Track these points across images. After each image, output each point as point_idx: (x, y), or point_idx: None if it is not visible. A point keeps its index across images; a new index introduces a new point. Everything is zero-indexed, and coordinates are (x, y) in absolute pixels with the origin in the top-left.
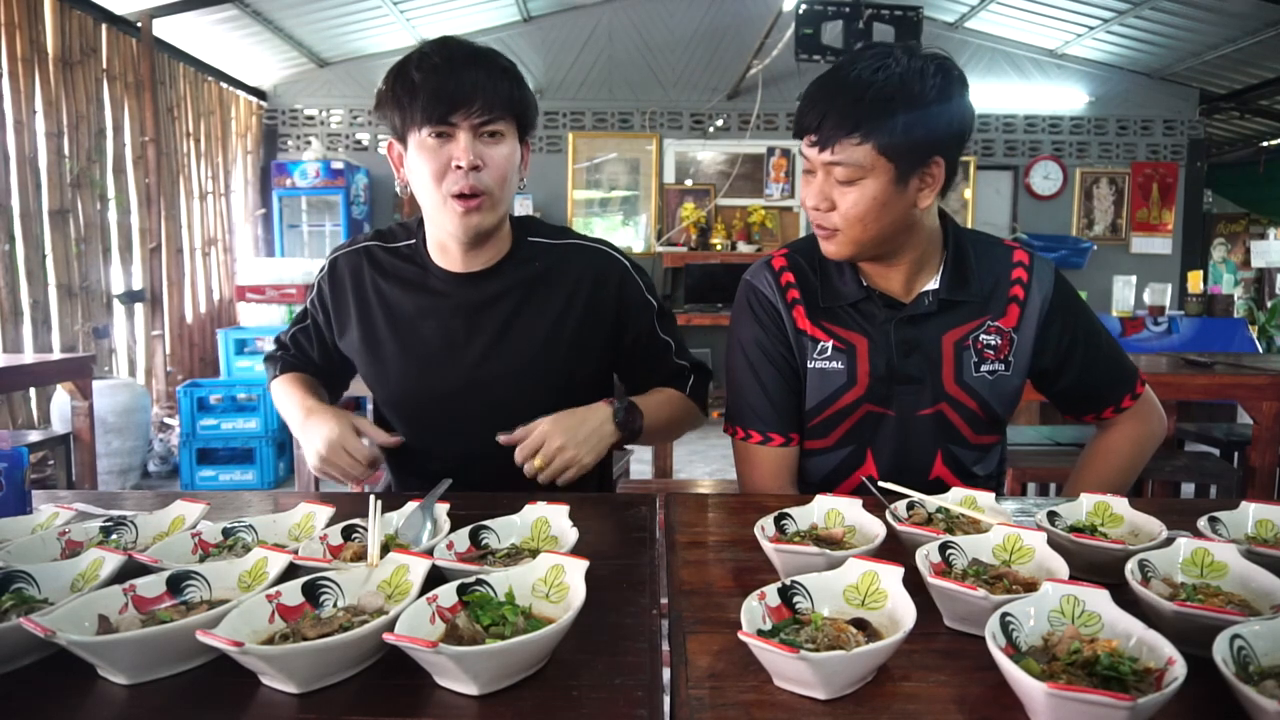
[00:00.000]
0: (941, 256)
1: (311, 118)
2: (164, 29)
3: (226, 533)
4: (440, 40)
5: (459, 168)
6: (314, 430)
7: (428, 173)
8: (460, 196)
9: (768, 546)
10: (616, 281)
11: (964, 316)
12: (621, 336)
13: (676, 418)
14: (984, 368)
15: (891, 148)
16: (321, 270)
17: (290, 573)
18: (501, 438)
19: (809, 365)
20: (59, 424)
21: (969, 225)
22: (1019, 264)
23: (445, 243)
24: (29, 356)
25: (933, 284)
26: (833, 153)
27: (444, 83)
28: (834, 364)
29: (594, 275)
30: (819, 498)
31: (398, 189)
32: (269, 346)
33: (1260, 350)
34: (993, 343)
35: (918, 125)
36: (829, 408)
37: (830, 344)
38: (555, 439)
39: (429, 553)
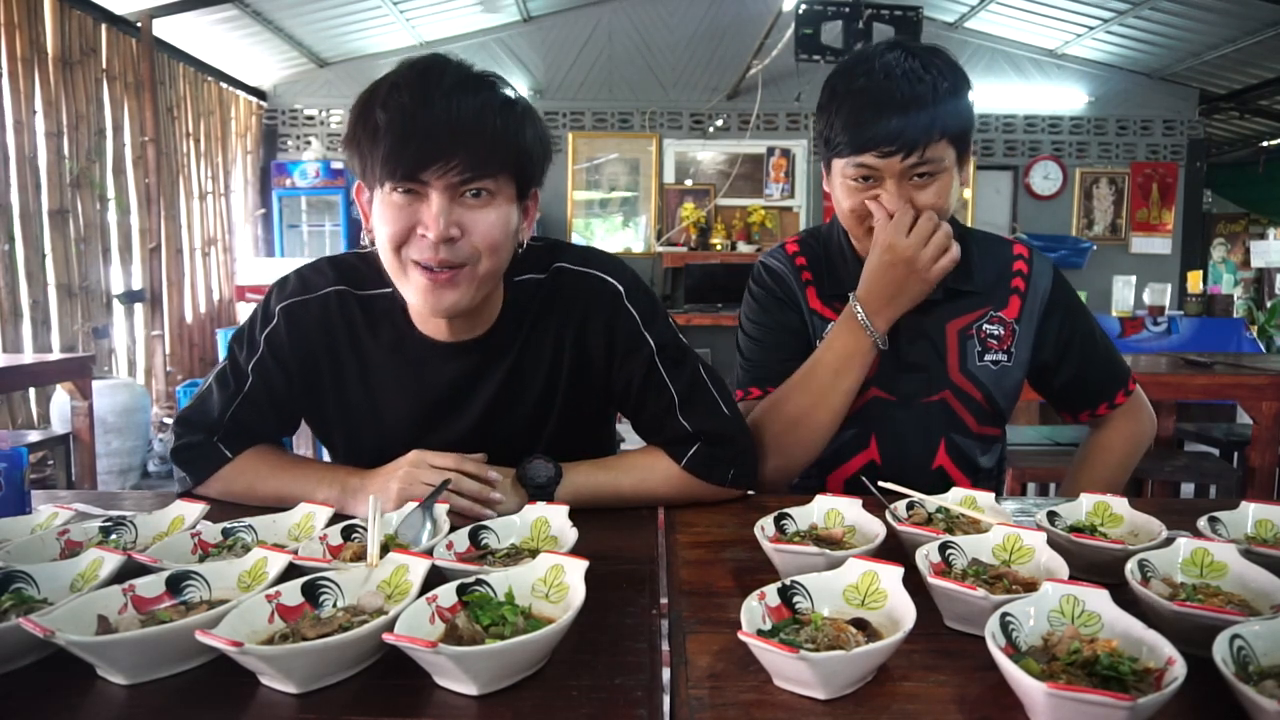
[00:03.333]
0: None
1: (311, 118)
2: (164, 29)
3: (226, 533)
4: (419, 65)
5: (426, 236)
6: (377, 476)
7: (385, 234)
8: (426, 268)
9: (768, 546)
10: (607, 315)
11: (967, 306)
12: (612, 379)
13: (646, 496)
14: (987, 357)
15: (957, 136)
16: (269, 324)
17: (290, 573)
18: None
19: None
20: (58, 424)
21: (969, 225)
22: (1019, 257)
23: (427, 315)
24: (29, 356)
25: None
26: (921, 156)
27: (413, 128)
28: None
29: (582, 313)
30: (819, 498)
31: (364, 240)
32: None
33: (1249, 350)
34: (995, 332)
35: (966, 111)
36: None
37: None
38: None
39: (429, 553)
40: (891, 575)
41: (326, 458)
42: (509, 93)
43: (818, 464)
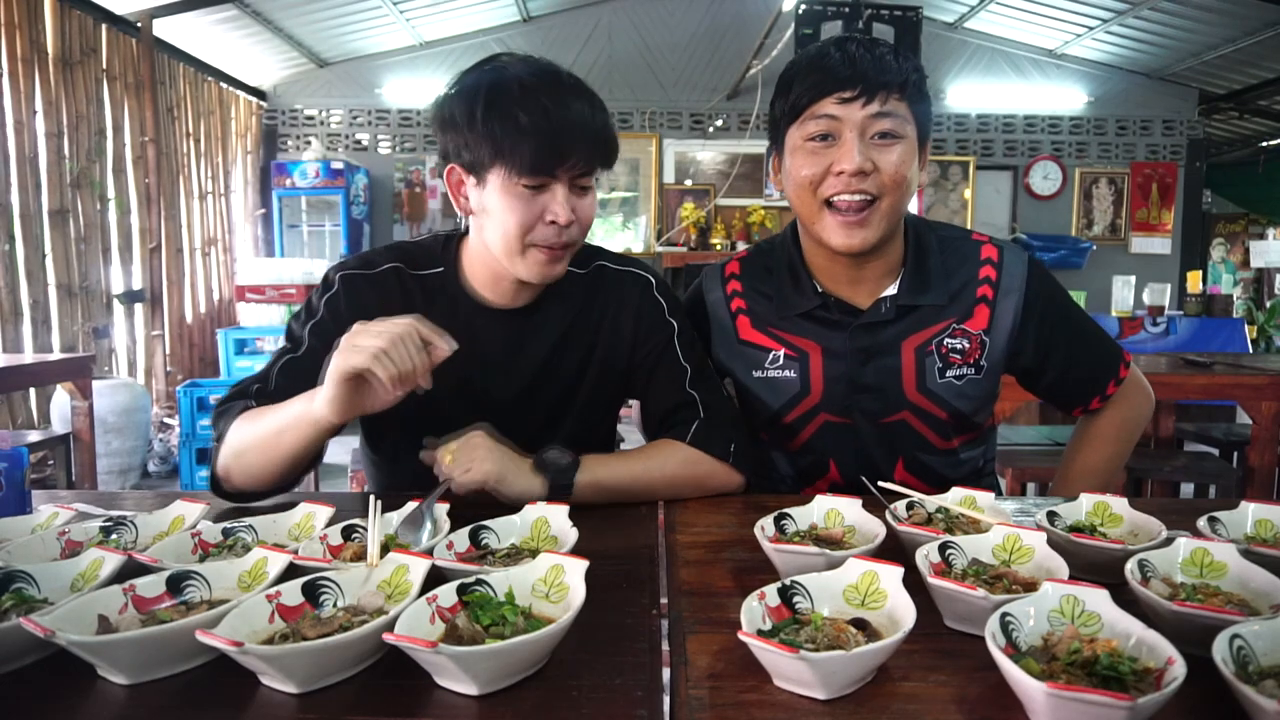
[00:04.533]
0: (902, 259)
1: (311, 118)
2: (164, 29)
3: (226, 533)
4: (536, 66)
5: (553, 223)
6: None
7: (514, 222)
8: (547, 247)
9: (768, 546)
10: (636, 302)
11: (925, 321)
12: (633, 357)
13: (658, 479)
14: (950, 373)
15: (918, 114)
16: (329, 290)
17: (290, 573)
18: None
19: (755, 375)
20: (59, 424)
21: (969, 226)
22: (987, 261)
23: (501, 279)
24: (29, 356)
25: (891, 289)
26: (882, 104)
27: (555, 132)
28: (786, 373)
29: (616, 301)
30: (819, 498)
31: (459, 221)
32: (269, 347)
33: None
34: (959, 346)
35: (926, 93)
36: (784, 416)
37: (781, 352)
38: (478, 447)
39: (429, 553)
40: (891, 575)
41: (328, 457)
42: (600, 102)
43: (788, 477)
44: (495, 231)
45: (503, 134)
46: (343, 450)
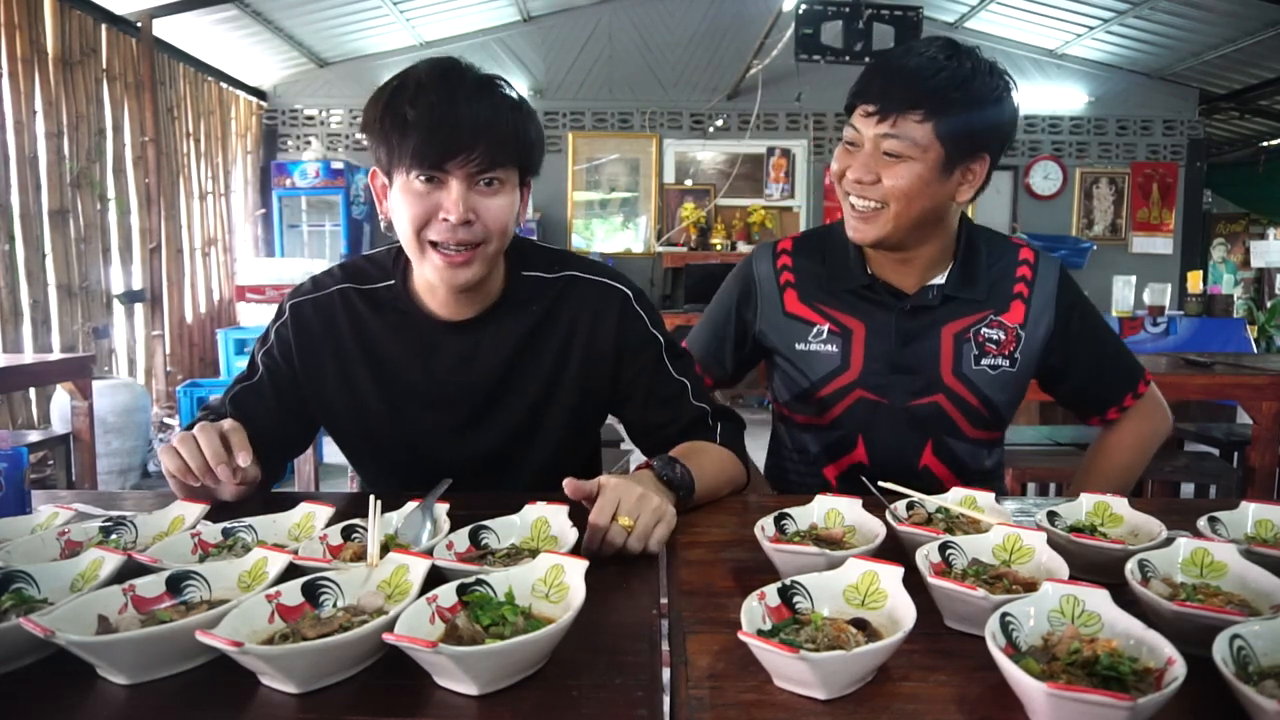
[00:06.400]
0: (952, 254)
1: (311, 118)
2: (164, 29)
3: (226, 533)
4: (440, 67)
5: (447, 220)
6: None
7: (408, 218)
8: (444, 249)
9: (768, 546)
10: (615, 317)
11: (966, 310)
12: (619, 375)
13: (724, 479)
14: (984, 361)
15: (949, 134)
16: (279, 319)
17: (290, 573)
18: (569, 486)
19: (798, 347)
20: (59, 424)
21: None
22: (1024, 262)
23: (436, 287)
24: (29, 356)
25: (939, 279)
26: (892, 125)
27: (439, 123)
28: (828, 347)
29: (592, 314)
30: (819, 498)
31: (381, 224)
32: None
33: (1246, 350)
34: (995, 337)
35: (976, 119)
36: (821, 389)
37: (826, 327)
38: (634, 491)
39: (429, 553)
40: (891, 575)
41: (327, 457)
42: (515, 94)
43: (808, 460)
44: (399, 231)
45: (392, 129)
46: None
